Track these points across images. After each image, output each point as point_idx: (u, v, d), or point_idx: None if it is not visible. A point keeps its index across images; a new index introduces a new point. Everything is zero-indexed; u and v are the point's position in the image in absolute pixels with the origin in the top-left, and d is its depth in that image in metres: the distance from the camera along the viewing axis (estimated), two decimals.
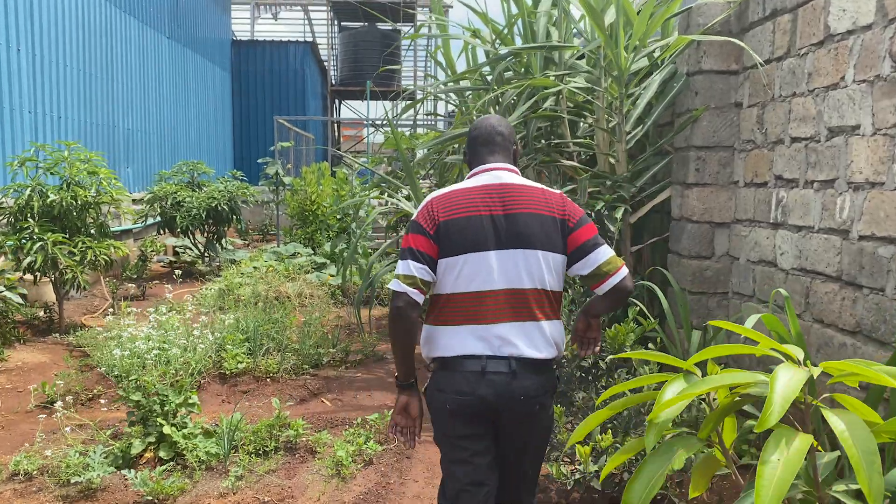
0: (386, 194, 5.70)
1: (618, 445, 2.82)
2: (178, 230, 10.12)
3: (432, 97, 6.13)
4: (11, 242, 6.03)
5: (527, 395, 2.09)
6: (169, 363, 4.48)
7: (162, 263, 11.84)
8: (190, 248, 10.79)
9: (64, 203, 6.22)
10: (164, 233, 10.44)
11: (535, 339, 2.11)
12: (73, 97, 9.11)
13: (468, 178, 2.25)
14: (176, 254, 12.04)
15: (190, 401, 3.70)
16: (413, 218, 2.19)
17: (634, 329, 2.89)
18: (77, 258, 6.29)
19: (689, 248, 4.40)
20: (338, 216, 9.57)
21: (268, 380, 5.02)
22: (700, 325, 4.03)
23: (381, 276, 5.23)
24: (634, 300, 3.81)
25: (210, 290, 7.90)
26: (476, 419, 2.13)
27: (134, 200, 10.77)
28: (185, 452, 3.52)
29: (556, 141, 4.93)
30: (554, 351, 2.17)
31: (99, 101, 9.90)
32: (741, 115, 4.20)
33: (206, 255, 10.65)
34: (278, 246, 10.64)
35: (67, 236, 6.46)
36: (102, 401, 4.50)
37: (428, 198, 2.21)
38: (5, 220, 6.35)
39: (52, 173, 6.47)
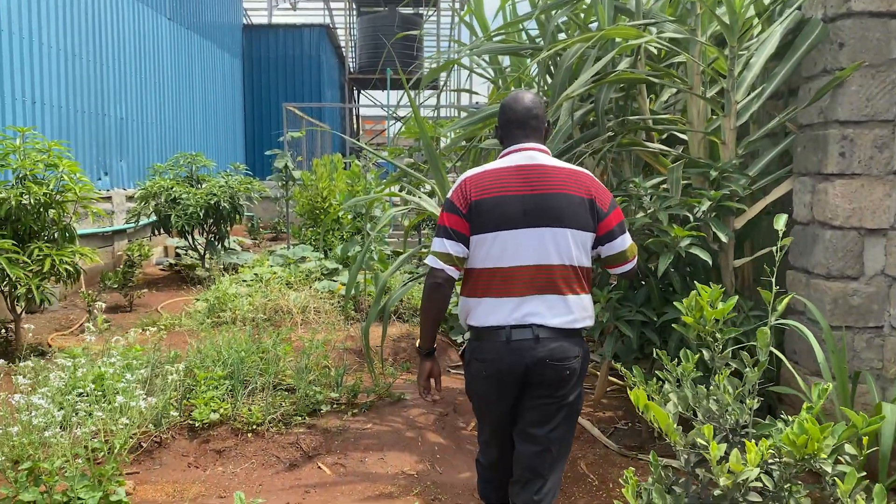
0: (405, 190, 4.46)
1: None
2: (175, 230, 9.02)
3: (457, 72, 4.90)
4: None
5: (553, 357, 2.20)
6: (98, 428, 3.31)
7: (161, 266, 10.75)
8: (193, 250, 9.66)
9: (13, 202, 5.09)
10: (160, 233, 9.34)
11: (560, 310, 2.22)
12: (52, 79, 8.00)
13: (501, 156, 2.35)
14: (178, 255, 10.96)
15: (114, 498, 2.51)
16: (448, 196, 2.31)
17: (833, 431, 1.66)
18: (31, 268, 5.17)
19: (826, 265, 3.14)
20: (350, 215, 8.38)
21: (250, 434, 3.84)
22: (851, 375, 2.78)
23: (400, 293, 3.97)
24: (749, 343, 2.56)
25: (203, 303, 6.76)
26: (507, 384, 2.27)
27: (128, 198, 9.67)
28: None
29: (631, 118, 3.68)
30: (580, 319, 2.25)
31: (85, 85, 8.79)
32: None
33: (206, 257, 9.52)
34: (288, 247, 9.49)
35: (19, 243, 5.35)
36: None
37: (462, 176, 2.33)
38: None
39: (2, 166, 5.35)
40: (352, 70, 20.50)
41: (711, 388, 2.09)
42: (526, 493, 2.30)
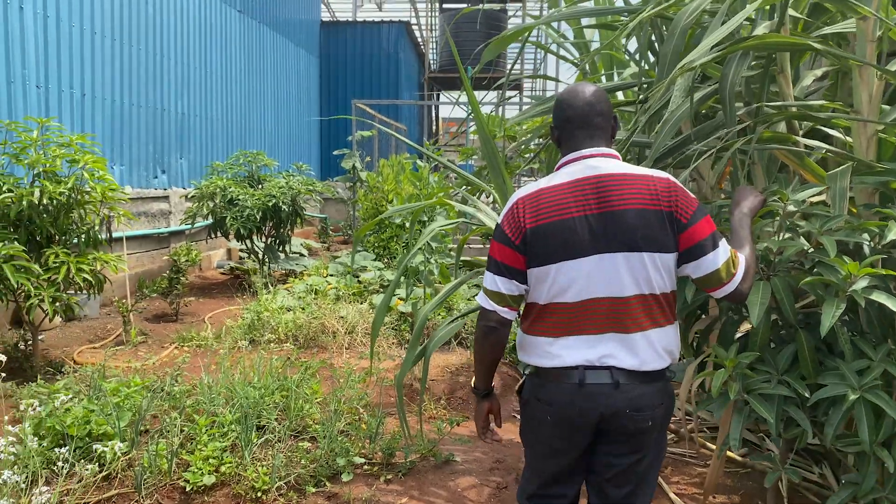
0: (460, 196, 3.56)
1: None
2: (231, 234, 8.44)
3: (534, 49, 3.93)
4: None
5: (634, 407, 1.90)
6: None
7: (221, 269, 10.27)
8: (252, 254, 9.08)
9: (24, 202, 4.50)
10: (216, 236, 8.79)
11: (641, 350, 1.90)
12: (106, 71, 7.53)
13: (557, 168, 2.00)
14: (241, 259, 10.45)
15: None
16: (499, 221, 2.00)
17: None
18: (45, 277, 4.57)
19: None
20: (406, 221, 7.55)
21: None
22: None
23: (443, 335, 3.01)
24: None
25: (250, 315, 6.07)
26: (576, 433, 1.96)
27: (187, 197, 9.17)
28: None
29: (770, 104, 2.63)
30: (665, 360, 1.95)
31: (143, 78, 8.33)
32: None
33: (264, 263, 8.91)
34: (354, 253, 8.75)
35: (35, 248, 4.76)
36: None
37: (514, 197, 1.99)
38: None
39: (18, 161, 4.78)
40: (432, 68, 19.77)
41: None
42: None
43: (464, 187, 3.81)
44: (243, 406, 3.49)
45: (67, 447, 3.13)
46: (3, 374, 4.86)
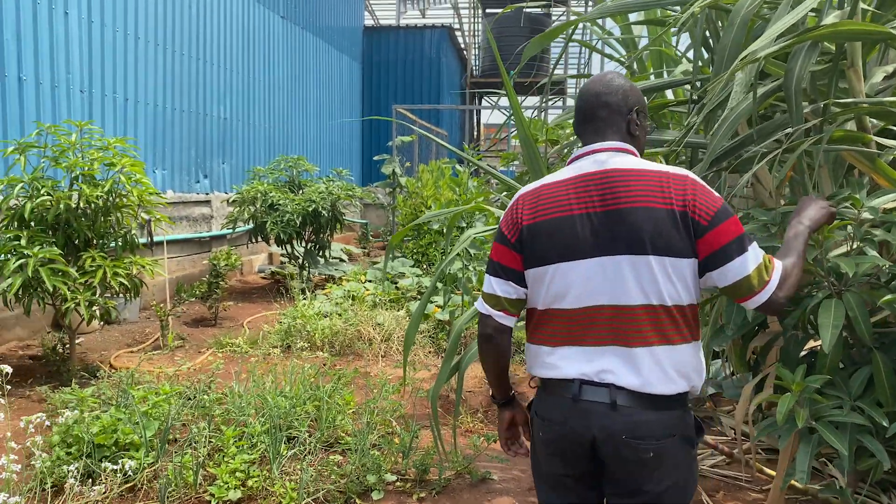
0: (500, 202, 3.40)
1: None
2: (272, 238, 8.42)
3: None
4: None
5: (634, 434, 1.64)
6: None
7: (263, 274, 10.28)
8: (292, 259, 9.05)
9: (62, 206, 4.49)
10: (256, 241, 8.77)
11: (645, 369, 1.65)
12: (149, 76, 7.58)
13: (567, 163, 1.82)
14: (282, 264, 10.45)
15: None
16: (500, 220, 1.87)
17: None
18: (81, 281, 4.55)
19: None
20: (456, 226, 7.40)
21: None
22: None
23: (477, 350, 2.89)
24: None
25: (286, 322, 5.99)
26: (572, 457, 1.75)
27: (229, 202, 9.18)
28: None
29: (839, 101, 2.41)
30: (678, 384, 1.66)
31: (186, 83, 8.37)
32: None
33: (304, 267, 8.87)
34: (393, 259, 8.65)
35: (73, 252, 4.76)
36: None
37: (517, 193, 1.85)
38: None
39: (57, 165, 4.77)
40: (474, 73, 19.64)
41: None
42: None
43: (503, 193, 3.64)
44: (273, 417, 3.38)
45: (93, 456, 3.06)
46: (41, 377, 4.89)
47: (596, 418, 1.68)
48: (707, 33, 3.14)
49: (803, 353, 2.30)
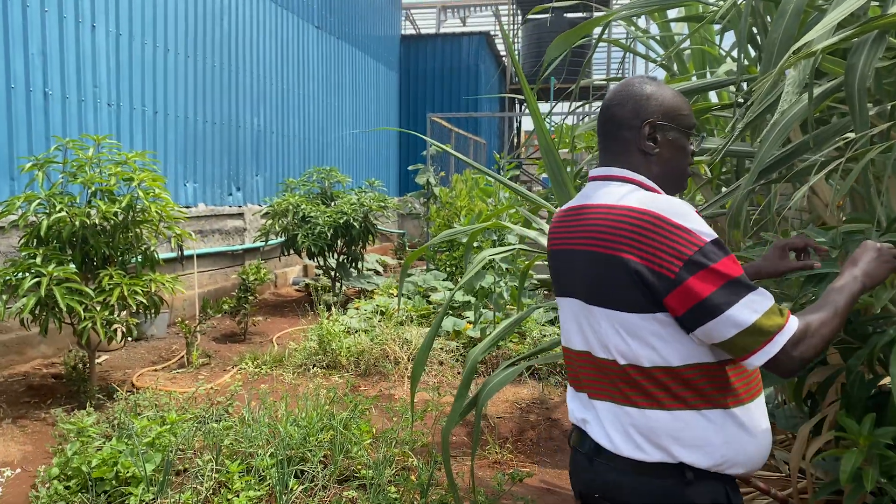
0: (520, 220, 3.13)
1: None
2: (303, 251, 8.28)
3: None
4: (9, 277, 4.29)
5: (607, 496, 1.46)
6: None
7: (297, 287, 10.17)
8: (324, 271, 8.91)
9: (77, 222, 4.37)
10: (289, 254, 8.65)
11: (608, 426, 1.46)
12: (179, 88, 7.52)
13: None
14: (317, 276, 10.33)
15: None
16: None
17: None
18: (98, 299, 4.42)
19: None
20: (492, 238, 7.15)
21: None
22: None
23: (494, 386, 2.53)
24: None
25: (311, 339, 5.80)
26: None
27: (262, 214, 9.10)
28: None
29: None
30: (648, 453, 1.40)
31: (217, 94, 8.30)
32: None
33: (337, 280, 8.71)
34: (427, 271, 8.43)
35: (91, 270, 4.64)
36: None
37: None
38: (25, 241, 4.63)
39: (75, 181, 4.67)
40: (513, 80, 19.37)
41: None
42: None
43: (528, 206, 3.37)
44: (283, 447, 3.16)
45: (92, 491, 2.89)
46: (61, 398, 4.79)
47: (579, 471, 1.57)
48: (754, 29, 2.83)
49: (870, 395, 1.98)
